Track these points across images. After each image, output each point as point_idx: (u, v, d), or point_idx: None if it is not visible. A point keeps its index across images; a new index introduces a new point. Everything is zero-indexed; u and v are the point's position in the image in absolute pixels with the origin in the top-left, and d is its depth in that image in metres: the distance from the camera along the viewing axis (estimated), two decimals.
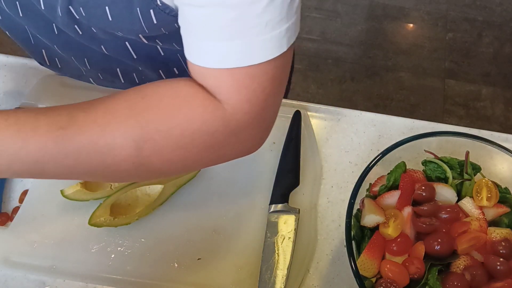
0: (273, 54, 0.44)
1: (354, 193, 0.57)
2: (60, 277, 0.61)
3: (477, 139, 0.61)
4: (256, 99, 0.47)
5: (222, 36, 0.43)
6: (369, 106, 1.92)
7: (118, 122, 0.45)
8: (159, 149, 0.46)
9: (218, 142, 0.48)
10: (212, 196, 0.67)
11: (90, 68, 0.68)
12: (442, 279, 0.55)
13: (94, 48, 0.63)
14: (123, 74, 0.69)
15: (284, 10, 0.43)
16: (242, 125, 0.48)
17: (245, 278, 0.62)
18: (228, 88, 0.46)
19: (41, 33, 0.62)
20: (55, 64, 0.71)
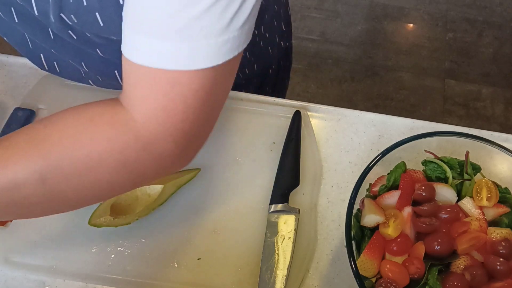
0: (203, 64, 0.41)
1: (354, 193, 0.57)
2: (60, 277, 0.61)
3: (477, 139, 0.61)
4: (173, 110, 0.43)
5: (153, 32, 0.40)
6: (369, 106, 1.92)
7: (19, 156, 0.43)
8: (66, 177, 0.44)
9: (130, 159, 0.45)
10: (212, 196, 0.67)
11: (88, 71, 0.68)
12: (442, 279, 0.55)
13: (91, 52, 0.62)
14: (121, 76, 0.69)
15: (224, 20, 0.40)
16: (155, 137, 0.45)
17: (245, 278, 0.62)
18: (144, 90, 0.43)
19: (38, 38, 0.62)
20: (54, 68, 0.71)
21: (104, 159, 0.44)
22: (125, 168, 0.45)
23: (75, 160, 0.43)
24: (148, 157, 0.46)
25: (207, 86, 0.43)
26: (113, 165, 0.45)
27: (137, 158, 0.45)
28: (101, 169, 0.44)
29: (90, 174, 0.44)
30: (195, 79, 0.42)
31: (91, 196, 0.47)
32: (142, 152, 0.45)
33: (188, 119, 0.45)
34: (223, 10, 0.40)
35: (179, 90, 0.42)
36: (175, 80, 0.42)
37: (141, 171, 0.47)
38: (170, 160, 0.48)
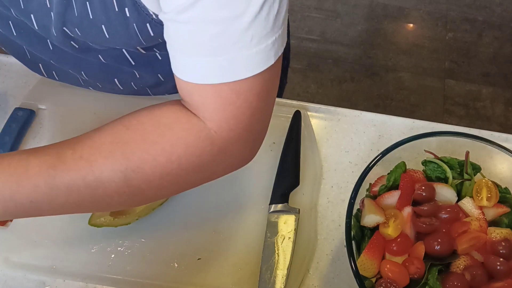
0: (259, 68, 0.44)
1: (354, 193, 0.57)
2: (60, 277, 0.61)
3: (477, 139, 0.61)
4: (242, 115, 0.46)
5: (206, 52, 0.43)
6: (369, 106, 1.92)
7: (104, 156, 0.45)
8: (147, 178, 0.47)
9: (206, 162, 0.48)
10: (212, 196, 0.67)
11: (88, 79, 0.68)
12: (442, 279, 0.55)
13: (91, 59, 0.63)
14: (121, 83, 0.69)
15: (269, 23, 0.42)
16: (229, 142, 0.48)
17: (245, 278, 0.62)
18: (213, 104, 0.46)
19: (36, 50, 0.62)
20: (53, 77, 0.72)
21: (183, 163, 0.47)
22: (201, 170, 0.49)
23: (156, 164, 0.46)
24: (222, 159, 0.49)
25: (266, 86, 0.46)
26: (191, 168, 0.48)
27: (213, 161, 0.49)
28: (180, 172, 0.47)
29: (169, 176, 0.47)
30: (255, 83, 0.45)
31: (166, 193, 0.51)
32: (217, 156, 0.48)
33: (255, 120, 0.48)
34: (267, 14, 0.42)
35: (244, 97, 0.45)
36: (239, 89, 0.44)
37: (214, 171, 0.51)
38: (241, 159, 0.52)
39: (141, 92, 0.72)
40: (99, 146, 0.46)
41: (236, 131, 0.47)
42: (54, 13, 0.50)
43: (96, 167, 0.45)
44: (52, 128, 0.72)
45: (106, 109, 0.74)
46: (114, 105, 0.74)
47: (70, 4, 0.49)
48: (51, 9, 0.50)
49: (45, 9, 0.51)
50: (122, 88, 0.70)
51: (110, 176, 0.45)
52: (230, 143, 0.48)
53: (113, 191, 0.46)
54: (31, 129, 0.73)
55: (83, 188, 0.45)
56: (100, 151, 0.46)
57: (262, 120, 0.50)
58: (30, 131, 0.73)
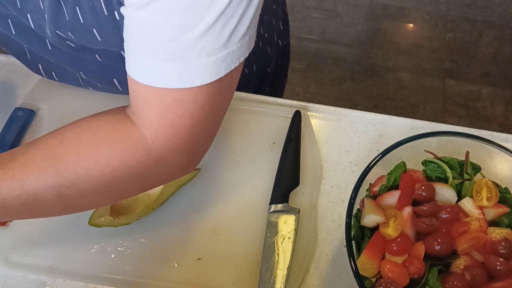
0: (205, 80, 0.43)
1: (354, 193, 0.57)
2: (60, 277, 0.61)
3: (477, 139, 0.61)
4: (181, 126, 0.45)
5: (155, 55, 0.42)
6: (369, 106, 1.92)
7: (37, 174, 0.45)
8: (82, 192, 0.46)
9: (142, 173, 0.47)
10: (212, 196, 0.67)
11: (87, 79, 0.68)
12: (442, 279, 0.55)
13: (89, 58, 0.62)
14: (120, 83, 0.69)
15: (223, 37, 0.42)
16: (166, 152, 0.47)
17: (245, 278, 0.62)
18: (153, 110, 0.45)
19: (35, 48, 0.62)
20: (52, 77, 0.72)
21: (118, 175, 0.46)
22: (137, 181, 0.48)
23: (90, 178, 0.46)
24: (158, 170, 0.48)
25: (212, 99, 0.45)
26: (126, 180, 0.47)
27: (149, 172, 0.48)
28: (115, 184, 0.47)
29: (105, 189, 0.47)
30: (200, 95, 0.44)
31: (104, 204, 0.52)
32: (153, 167, 0.48)
33: (195, 132, 0.47)
34: (221, 28, 0.41)
35: (185, 107, 0.44)
36: (182, 97, 0.43)
37: (151, 182, 0.51)
38: (179, 169, 0.51)
39: None
40: (32, 163, 0.45)
41: (174, 141, 0.46)
42: (47, 17, 0.50)
43: (29, 186, 0.45)
44: (52, 128, 0.72)
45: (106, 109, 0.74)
46: (114, 105, 0.74)
47: (61, 10, 0.49)
48: (44, 11, 0.50)
49: (40, 11, 0.51)
50: (121, 89, 0.70)
51: (44, 193, 0.45)
52: (167, 153, 0.47)
53: (49, 205, 0.47)
54: (31, 129, 0.73)
55: (18, 205, 0.45)
56: (32, 169, 0.45)
57: (205, 133, 0.49)
58: (30, 131, 0.73)
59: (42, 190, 0.45)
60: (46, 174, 0.45)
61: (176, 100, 0.44)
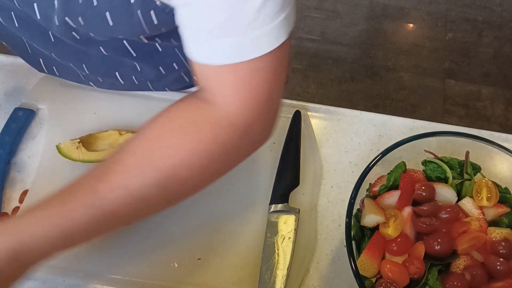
0: (273, 45, 0.45)
1: (354, 193, 0.57)
2: (60, 277, 0.61)
3: (477, 139, 0.61)
4: (259, 94, 0.47)
5: (220, 33, 0.44)
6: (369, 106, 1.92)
7: (137, 176, 0.47)
8: (182, 181, 0.48)
9: (233, 149, 0.50)
10: (212, 196, 0.67)
11: (89, 73, 0.68)
12: (442, 279, 0.55)
13: (92, 52, 0.63)
14: (122, 77, 0.69)
15: (280, 1, 0.43)
16: (250, 123, 0.49)
17: (245, 278, 0.62)
18: (231, 86, 0.47)
19: (37, 42, 0.62)
20: (53, 72, 0.72)
21: (213, 156, 0.48)
22: (229, 158, 0.51)
23: (188, 166, 0.47)
24: (246, 142, 0.51)
25: (280, 61, 0.47)
26: (221, 159, 0.49)
27: (238, 147, 0.50)
28: (212, 164, 0.49)
29: (203, 173, 0.49)
30: (271, 60, 0.46)
31: (203, 187, 0.52)
32: (241, 141, 0.50)
33: (271, 98, 0.49)
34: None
35: (260, 76, 0.46)
36: (256, 67, 0.46)
37: (240, 156, 0.52)
38: (262, 138, 0.53)
39: (142, 87, 0.72)
40: (129, 168, 0.47)
41: (255, 110, 0.48)
42: (58, 2, 0.50)
43: (133, 190, 0.47)
44: (52, 128, 0.72)
45: (106, 109, 0.74)
46: (114, 105, 0.74)
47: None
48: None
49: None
50: (123, 82, 0.70)
51: (148, 192, 0.47)
52: (251, 123, 0.49)
53: (155, 202, 0.49)
54: (31, 129, 0.73)
55: (127, 212, 0.47)
56: (131, 173, 0.47)
57: (278, 96, 0.51)
58: (30, 131, 0.73)
59: (146, 190, 0.47)
60: (145, 174, 0.47)
61: (251, 71, 0.46)
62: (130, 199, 0.47)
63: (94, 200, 0.46)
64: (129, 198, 0.47)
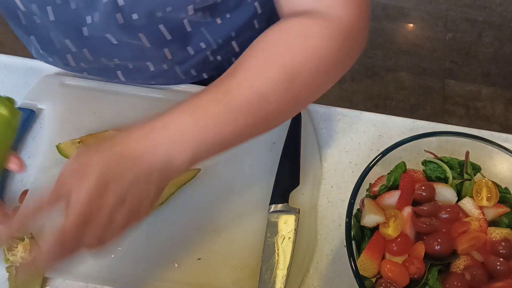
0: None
1: (354, 193, 0.57)
2: (60, 277, 0.61)
3: (477, 139, 0.61)
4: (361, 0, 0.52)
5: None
6: (369, 106, 1.92)
7: (260, 73, 0.48)
8: (305, 82, 0.50)
9: (345, 53, 0.52)
10: (212, 196, 0.67)
11: (121, 63, 0.70)
12: (442, 279, 0.55)
13: (128, 42, 0.64)
14: (153, 62, 0.71)
15: None
16: (356, 27, 0.52)
17: (245, 278, 0.62)
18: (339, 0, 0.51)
19: (70, 36, 0.63)
20: (79, 68, 0.73)
21: (328, 60, 0.51)
22: (341, 62, 0.53)
23: (309, 66, 0.49)
24: (355, 46, 0.54)
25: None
26: (337, 60, 0.52)
27: (349, 50, 0.53)
28: (327, 69, 0.51)
29: (320, 76, 0.51)
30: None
31: (318, 94, 0.54)
32: (351, 44, 0.53)
33: (367, 2, 0.53)
34: None
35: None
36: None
37: (350, 59, 0.54)
38: (363, 42, 0.55)
39: (171, 72, 0.73)
40: (256, 68, 0.48)
41: (359, 15, 0.52)
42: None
43: (260, 84, 0.48)
44: (52, 128, 0.72)
45: (106, 109, 0.74)
46: (114, 105, 0.74)
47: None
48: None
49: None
50: (153, 69, 0.72)
51: (271, 88, 0.48)
52: (357, 28, 0.52)
53: (275, 104, 0.49)
54: (31, 129, 0.73)
55: (255, 117, 0.48)
56: (254, 69, 0.48)
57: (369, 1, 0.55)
58: (30, 131, 0.73)
59: (270, 85, 0.48)
60: (269, 70, 0.48)
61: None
62: (257, 98, 0.47)
63: (225, 96, 0.47)
64: (257, 97, 0.47)
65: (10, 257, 0.60)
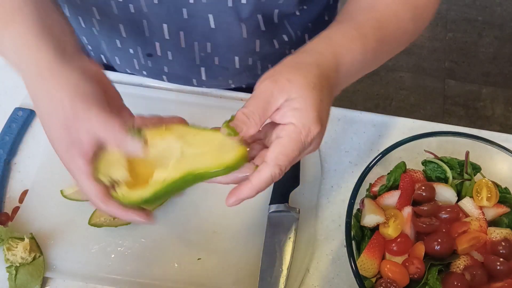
0: None
1: (354, 193, 0.57)
2: (60, 277, 0.61)
3: (477, 139, 0.61)
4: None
5: None
6: (369, 106, 1.92)
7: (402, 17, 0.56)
8: (423, 19, 0.59)
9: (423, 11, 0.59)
10: (212, 196, 0.67)
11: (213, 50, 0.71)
12: (442, 279, 0.55)
13: (227, 28, 0.65)
14: (240, 60, 0.73)
15: None
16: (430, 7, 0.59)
17: (245, 278, 0.62)
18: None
19: (170, 18, 0.64)
20: (159, 68, 0.74)
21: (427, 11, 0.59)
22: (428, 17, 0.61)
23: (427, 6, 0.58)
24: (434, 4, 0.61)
25: None
26: (429, 16, 0.60)
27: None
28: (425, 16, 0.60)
29: (423, 19, 0.59)
30: None
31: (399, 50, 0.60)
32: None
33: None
34: None
35: None
36: None
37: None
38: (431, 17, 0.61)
39: (252, 68, 0.75)
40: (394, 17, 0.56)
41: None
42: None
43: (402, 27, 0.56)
44: None
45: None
46: None
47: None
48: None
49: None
50: (238, 66, 0.74)
51: (402, 15, 0.55)
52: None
53: (408, 32, 0.57)
54: (31, 129, 0.73)
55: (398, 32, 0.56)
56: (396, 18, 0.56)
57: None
58: (30, 131, 0.73)
59: (401, 13, 0.56)
60: (405, 15, 0.56)
61: None
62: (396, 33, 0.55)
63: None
64: (396, 31, 0.55)
65: (10, 257, 0.60)
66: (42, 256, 0.61)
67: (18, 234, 0.62)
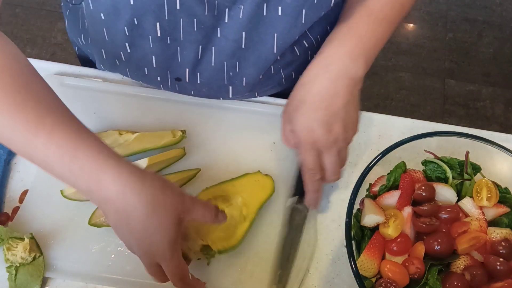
0: None
1: (354, 193, 0.57)
2: (60, 277, 0.61)
3: (477, 139, 0.61)
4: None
5: None
6: (369, 106, 1.92)
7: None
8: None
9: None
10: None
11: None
12: (442, 279, 0.55)
13: (259, 41, 0.64)
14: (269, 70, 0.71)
15: None
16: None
17: (245, 278, 0.62)
18: None
19: (198, 21, 0.61)
20: (195, 78, 0.71)
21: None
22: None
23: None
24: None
25: None
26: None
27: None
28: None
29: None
30: None
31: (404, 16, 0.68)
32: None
33: None
34: None
35: None
36: None
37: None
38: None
39: (276, 77, 0.74)
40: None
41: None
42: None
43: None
44: None
45: (106, 109, 0.74)
46: (114, 105, 0.74)
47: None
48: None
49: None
50: (262, 78, 0.72)
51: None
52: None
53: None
54: None
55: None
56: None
57: None
58: None
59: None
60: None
61: None
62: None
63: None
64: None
65: (10, 257, 0.60)
66: (42, 256, 0.61)
67: (18, 234, 0.62)
